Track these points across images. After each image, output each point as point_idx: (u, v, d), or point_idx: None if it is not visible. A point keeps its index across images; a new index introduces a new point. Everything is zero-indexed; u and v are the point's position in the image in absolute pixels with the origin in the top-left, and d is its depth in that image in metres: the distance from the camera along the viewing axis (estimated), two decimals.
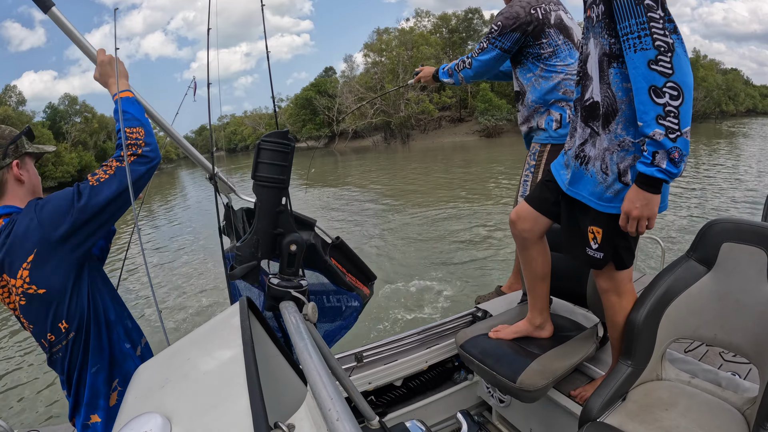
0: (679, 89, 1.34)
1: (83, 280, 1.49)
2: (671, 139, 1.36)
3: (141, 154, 1.51)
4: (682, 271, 1.72)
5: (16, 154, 1.53)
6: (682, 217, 10.70)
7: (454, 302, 7.21)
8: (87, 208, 1.41)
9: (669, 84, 1.34)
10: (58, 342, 1.49)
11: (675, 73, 1.33)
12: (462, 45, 56.57)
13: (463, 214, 13.18)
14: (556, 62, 2.67)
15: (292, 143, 1.14)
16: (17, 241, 1.39)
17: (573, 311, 2.40)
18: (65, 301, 1.43)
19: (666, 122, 1.36)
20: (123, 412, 0.96)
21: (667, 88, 1.34)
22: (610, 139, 1.58)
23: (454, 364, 2.66)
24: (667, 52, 1.33)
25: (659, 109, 1.36)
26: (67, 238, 1.40)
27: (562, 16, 2.67)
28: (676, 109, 1.34)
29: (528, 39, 2.66)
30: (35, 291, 1.40)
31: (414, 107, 49.87)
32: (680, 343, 2.20)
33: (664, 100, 1.35)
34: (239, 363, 0.91)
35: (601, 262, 1.73)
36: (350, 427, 0.68)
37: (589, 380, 2.13)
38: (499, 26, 2.68)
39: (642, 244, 7.35)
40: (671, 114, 1.35)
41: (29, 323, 1.48)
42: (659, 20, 1.34)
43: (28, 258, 1.38)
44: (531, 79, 2.76)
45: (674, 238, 9.09)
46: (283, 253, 1.14)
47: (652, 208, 1.49)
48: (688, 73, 1.34)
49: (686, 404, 1.67)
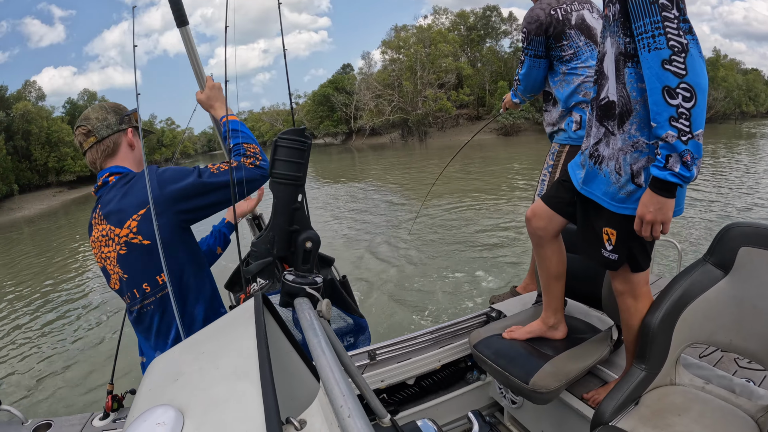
0: (692, 91, 1.32)
1: (183, 244, 1.71)
2: (683, 141, 1.35)
3: (259, 165, 1.74)
4: (698, 275, 1.70)
5: (130, 124, 1.78)
6: (699, 219, 10.56)
7: (468, 301, 7.20)
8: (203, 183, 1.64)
9: (682, 85, 1.32)
10: (152, 294, 1.67)
11: (688, 74, 1.32)
12: (480, 43, 56.31)
13: (481, 212, 13.17)
14: (577, 64, 2.66)
15: (309, 140, 1.15)
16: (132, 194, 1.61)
17: (588, 313, 2.38)
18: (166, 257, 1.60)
19: (678, 124, 1.35)
20: (136, 404, 0.97)
21: (680, 89, 1.33)
22: (624, 139, 1.57)
23: (467, 364, 2.65)
24: (681, 52, 1.32)
25: (672, 111, 1.35)
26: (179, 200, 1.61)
27: (585, 16, 2.65)
28: (688, 111, 1.33)
29: (550, 41, 2.65)
30: (140, 241, 1.61)
31: (432, 105, 49.74)
32: (695, 348, 2.17)
33: (677, 101, 1.34)
34: (253, 358, 0.91)
35: (616, 263, 1.72)
36: (362, 424, 0.68)
37: (602, 383, 2.11)
38: (525, 33, 2.71)
39: (658, 247, 7.30)
40: (683, 116, 1.34)
41: (123, 272, 1.66)
42: (674, 20, 1.33)
43: (140, 211, 1.59)
44: (557, 82, 2.76)
45: (692, 240, 8.98)
46: (299, 249, 1.15)
47: (666, 212, 1.48)
48: (702, 75, 1.33)
49: (699, 410, 1.65)
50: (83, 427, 2.26)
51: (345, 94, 59.02)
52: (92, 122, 1.71)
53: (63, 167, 44.54)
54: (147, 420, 0.82)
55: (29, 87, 49.05)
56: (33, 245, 20.01)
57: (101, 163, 1.75)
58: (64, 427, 2.28)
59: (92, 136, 1.70)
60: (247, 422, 0.76)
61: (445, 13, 59.69)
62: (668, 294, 1.70)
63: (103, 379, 6.08)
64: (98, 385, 6.10)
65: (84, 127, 1.70)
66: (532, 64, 2.76)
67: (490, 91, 51.90)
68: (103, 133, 1.71)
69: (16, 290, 12.19)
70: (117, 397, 2.31)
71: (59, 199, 40.22)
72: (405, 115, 51.42)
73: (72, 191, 43.81)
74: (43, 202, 38.53)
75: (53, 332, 8.62)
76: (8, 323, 9.57)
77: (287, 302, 1.13)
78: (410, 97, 50.29)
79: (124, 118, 1.76)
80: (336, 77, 65.50)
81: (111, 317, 8.85)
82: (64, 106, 55.37)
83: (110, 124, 1.72)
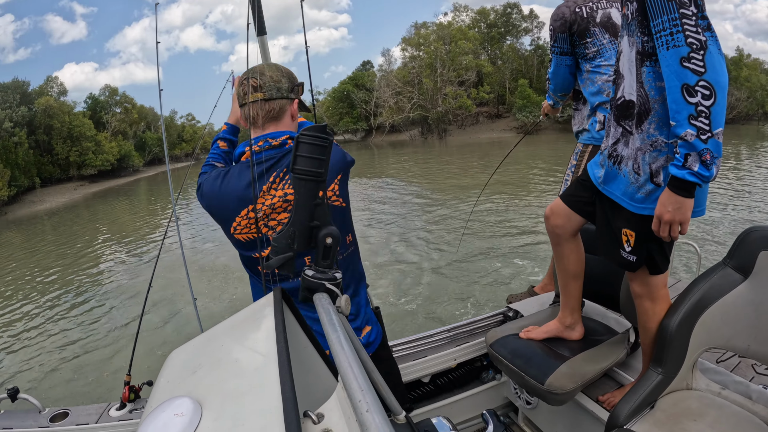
0: (711, 88, 1.31)
1: None
2: (702, 140, 1.34)
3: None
4: (717, 279, 1.68)
5: (297, 95, 1.74)
6: (720, 222, 10.40)
7: (486, 300, 7.20)
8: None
9: (701, 83, 1.31)
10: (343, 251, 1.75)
11: (708, 71, 1.31)
12: (501, 40, 55.97)
13: (501, 212, 13.12)
14: (601, 62, 2.64)
15: (331, 137, 1.15)
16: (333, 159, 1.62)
17: (605, 315, 2.37)
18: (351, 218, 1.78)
19: (698, 122, 1.33)
20: (155, 395, 0.98)
21: (699, 87, 1.32)
22: (643, 138, 1.57)
23: (482, 363, 2.65)
24: (699, 49, 1.31)
25: (691, 109, 1.34)
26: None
27: (612, 14, 2.63)
28: (707, 109, 1.32)
29: (574, 38, 2.64)
30: (340, 203, 1.69)
31: (452, 102, 49.59)
32: (712, 352, 2.15)
33: (696, 99, 1.33)
34: (271, 351, 0.92)
35: (635, 265, 1.71)
36: (379, 419, 0.68)
37: (617, 386, 2.10)
38: (551, 31, 2.71)
39: (678, 249, 7.21)
40: (703, 114, 1.32)
41: None
42: (692, 17, 1.32)
43: (338, 176, 1.67)
44: (583, 80, 2.76)
45: (713, 243, 8.86)
46: (319, 245, 1.16)
47: (684, 212, 1.46)
48: (721, 72, 1.32)
49: (715, 416, 1.64)
50: (100, 417, 2.30)
51: (365, 90, 59.09)
52: (266, 79, 1.64)
53: (84, 161, 45.20)
54: (165, 410, 0.83)
55: (51, 82, 49.83)
56: (55, 236, 20.36)
57: (262, 123, 1.68)
58: (80, 416, 2.32)
59: (261, 92, 1.63)
60: (265, 415, 0.77)
61: (465, 10, 59.45)
62: (687, 297, 1.69)
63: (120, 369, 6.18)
64: (115, 375, 6.19)
65: (256, 80, 1.63)
66: (559, 62, 2.76)
67: (510, 89, 51.59)
68: (272, 94, 1.64)
69: (36, 280, 12.41)
70: (134, 388, 2.35)
71: (80, 192, 40.83)
72: (425, 113, 51.30)
73: (93, 185, 44.48)
74: (65, 195, 39.15)
75: (72, 322, 8.77)
76: (27, 312, 9.75)
77: (306, 297, 1.14)
78: (430, 95, 50.16)
79: (294, 88, 1.71)
80: (356, 74, 65.59)
81: (129, 309, 8.98)
82: (85, 102, 56.19)
83: (282, 88, 1.65)
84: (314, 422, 0.84)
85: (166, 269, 9.55)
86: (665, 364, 1.70)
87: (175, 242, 9.78)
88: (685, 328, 1.67)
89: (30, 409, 2.39)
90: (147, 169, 56.79)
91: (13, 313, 9.76)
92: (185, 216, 18.11)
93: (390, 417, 1.16)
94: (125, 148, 51.98)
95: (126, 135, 55.15)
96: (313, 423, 0.83)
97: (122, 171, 51.36)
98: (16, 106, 41.48)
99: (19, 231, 23.94)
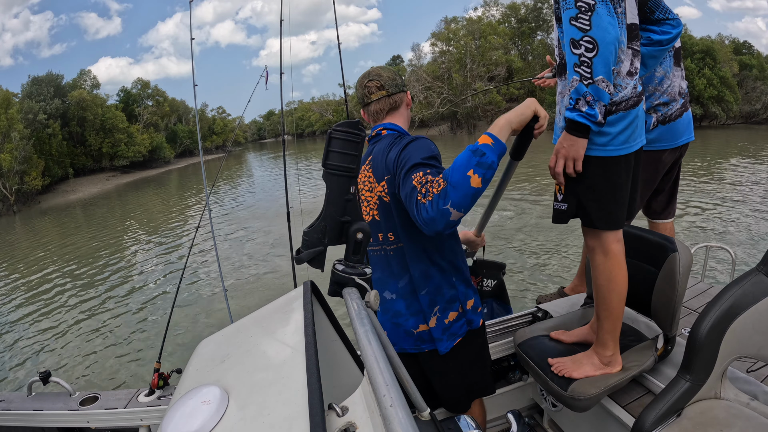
0: (594, 43, 1.50)
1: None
2: (585, 85, 1.53)
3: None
4: (750, 286, 1.63)
5: (406, 88, 2.03)
6: (757, 228, 10.13)
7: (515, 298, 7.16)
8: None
9: (586, 38, 1.50)
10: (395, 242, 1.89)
11: (593, 29, 1.49)
12: (531, 35, 55.21)
13: (530, 211, 12.95)
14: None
15: (363, 133, 1.16)
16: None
17: (635, 319, 2.32)
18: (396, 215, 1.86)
19: (580, 70, 1.53)
20: (183, 382, 1.00)
21: (583, 42, 1.51)
22: (563, 86, 1.75)
23: (509, 363, 2.64)
24: (587, 11, 1.49)
25: (575, 59, 1.54)
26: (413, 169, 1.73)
27: None
28: (589, 60, 1.51)
29: None
30: (387, 200, 1.84)
31: (481, 98, 49.14)
32: (743, 361, 2.09)
33: (580, 51, 1.52)
34: (299, 344, 0.93)
35: (566, 214, 1.78)
36: (403, 415, 0.69)
37: (645, 391, 2.07)
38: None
39: (713, 254, 7.05)
40: (585, 63, 1.52)
41: (379, 217, 1.90)
42: None
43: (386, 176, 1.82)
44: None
45: (749, 247, 8.63)
46: (350, 240, 1.16)
47: (578, 150, 1.64)
48: (607, 30, 1.49)
49: (742, 427, 1.59)
50: (129, 402, 2.35)
51: None
52: (384, 79, 1.94)
53: (116, 152, 46.21)
54: (193, 398, 0.85)
55: (84, 76, 50.90)
56: (88, 225, 20.81)
57: (383, 116, 1.99)
58: (110, 400, 2.38)
59: (384, 90, 1.94)
60: (290, 405, 0.78)
61: (495, 4, 58.50)
62: (718, 303, 1.64)
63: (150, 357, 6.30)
64: (146, 362, 6.31)
65: (377, 81, 1.94)
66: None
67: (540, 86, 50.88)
68: (392, 90, 1.95)
69: (68, 268, 12.70)
70: (163, 375, 2.40)
71: (112, 183, 41.73)
72: (454, 108, 50.94)
73: (125, 176, 45.41)
74: (97, 186, 40.07)
75: (103, 309, 8.97)
76: (60, 300, 10.02)
77: (336, 291, 1.15)
78: (459, 90, 49.78)
79: (404, 82, 2.01)
80: None
81: (161, 297, 9.14)
82: (118, 95, 57.43)
83: (398, 84, 1.96)
84: (338, 415, 0.84)
85: (197, 263, 9.69)
86: (694, 371, 1.67)
87: (207, 236, 9.90)
88: (715, 335, 1.62)
89: (61, 392, 2.45)
90: (178, 161, 57.73)
91: (49, 301, 10.05)
92: (217, 209, 18.36)
93: (414, 414, 1.17)
94: (157, 140, 52.99)
95: (157, 127, 56.20)
96: (337, 415, 0.84)
97: (153, 162, 52.37)
98: (50, 98, 42.57)
99: (52, 219, 24.55)
